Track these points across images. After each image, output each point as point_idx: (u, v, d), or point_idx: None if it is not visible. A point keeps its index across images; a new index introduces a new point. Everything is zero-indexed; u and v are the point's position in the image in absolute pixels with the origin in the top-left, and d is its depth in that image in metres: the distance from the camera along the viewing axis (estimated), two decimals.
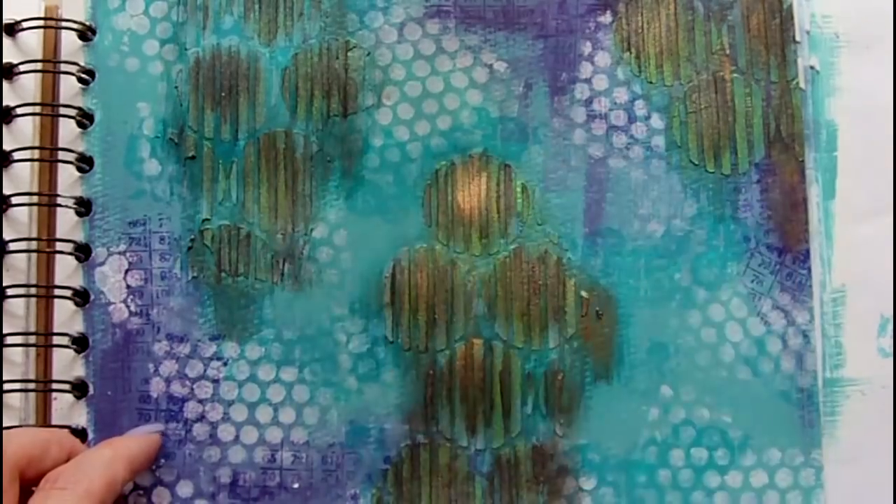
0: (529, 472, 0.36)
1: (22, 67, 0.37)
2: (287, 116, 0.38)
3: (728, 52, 0.38)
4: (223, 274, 0.37)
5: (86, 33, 0.38)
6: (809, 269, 0.36)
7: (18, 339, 0.36)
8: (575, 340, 0.36)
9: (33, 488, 0.33)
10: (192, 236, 0.37)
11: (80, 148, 0.37)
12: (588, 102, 0.38)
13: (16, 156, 0.37)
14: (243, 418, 0.36)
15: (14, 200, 0.36)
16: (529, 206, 0.37)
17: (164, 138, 0.37)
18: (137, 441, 0.35)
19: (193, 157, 0.37)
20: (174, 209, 0.37)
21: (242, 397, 0.36)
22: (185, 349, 0.36)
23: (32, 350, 0.36)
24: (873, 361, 0.36)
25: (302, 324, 0.37)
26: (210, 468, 0.36)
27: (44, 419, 0.36)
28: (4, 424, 0.35)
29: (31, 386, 0.36)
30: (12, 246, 0.36)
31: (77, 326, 0.36)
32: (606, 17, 0.38)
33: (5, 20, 0.37)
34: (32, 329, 0.36)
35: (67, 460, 0.33)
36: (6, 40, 0.37)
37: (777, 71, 0.37)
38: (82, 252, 0.37)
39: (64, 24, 0.38)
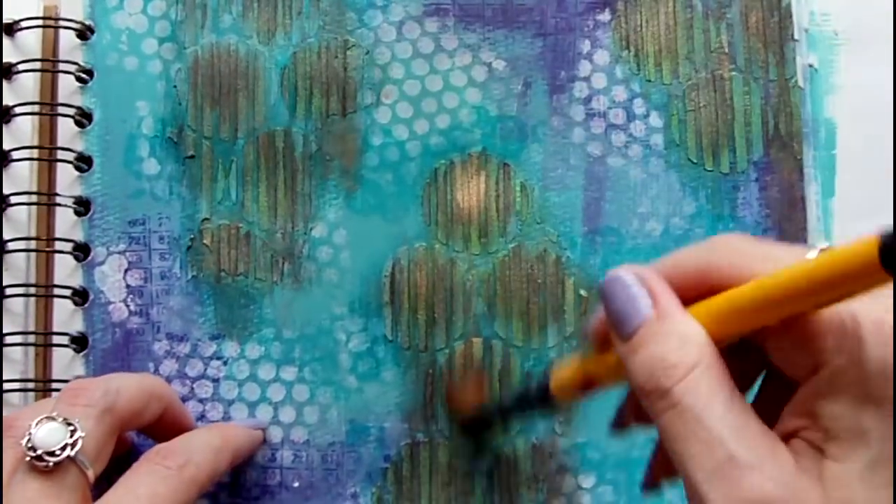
0: (528, 470, 0.36)
1: (21, 67, 0.37)
2: (286, 115, 0.38)
3: (727, 50, 0.38)
4: (223, 273, 0.37)
5: (84, 32, 0.38)
6: None
7: (18, 339, 0.36)
8: (574, 339, 0.36)
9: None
10: (192, 235, 0.37)
11: (79, 147, 0.37)
12: (587, 101, 0.38)
13: (15, 155, 0.36)
14: (243, 417, 0.36)
15: (13, 200, 0.36)
16: (528, 205, 0.37)
17: (164, 137, 0.37)
18: (245, 434, 0.34)
19: (192, 157, 0.37)
20: (173, 208, 0.37)
21: (243, 396, 0.36)
22: (184, 348, 0.36)
23: (32, 349, 0.36)
24: None
25: (302, 323, 0.37)
26: None
27: None
28: None
29: (31, 385, 0.36)
30: (11, 245, 0.36)
31: (76, 326, 0.36)
32: (605, 16, 0.38)
33: (4, 20, 0.37)
34: (32, 328, 0.36)
35: (163, 413, 0.32)
36: (5, 40, 0.37)
37: (776, 69, 0.37)
38: (81, 251, 0.37)
39: (62, 23, 0.37)
